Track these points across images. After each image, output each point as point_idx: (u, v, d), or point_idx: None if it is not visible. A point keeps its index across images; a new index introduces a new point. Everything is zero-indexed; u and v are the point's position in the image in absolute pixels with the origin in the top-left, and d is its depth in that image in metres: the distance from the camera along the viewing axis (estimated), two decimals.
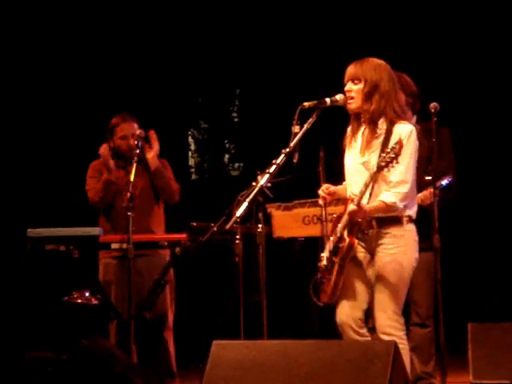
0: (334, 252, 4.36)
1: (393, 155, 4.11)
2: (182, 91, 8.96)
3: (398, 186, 4.25)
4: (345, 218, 4.33)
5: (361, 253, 4.40)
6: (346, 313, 4.36)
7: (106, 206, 5.77)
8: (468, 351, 5.54)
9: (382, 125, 4.35)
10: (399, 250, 4.32)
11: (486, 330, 5.58)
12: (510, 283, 7.61)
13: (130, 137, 5.76)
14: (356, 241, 4.32)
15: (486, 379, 5.45)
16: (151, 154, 5.81)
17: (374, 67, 4.37)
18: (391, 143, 4.24)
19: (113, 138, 5.81)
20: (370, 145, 4.36)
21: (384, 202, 4.26)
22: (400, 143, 4.11)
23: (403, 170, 4.24)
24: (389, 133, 4.32)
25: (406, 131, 4.30)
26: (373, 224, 4.34)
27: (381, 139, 4.33)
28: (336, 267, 4.32)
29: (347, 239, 4.28)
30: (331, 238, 4.43)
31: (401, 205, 4.28)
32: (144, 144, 5.77)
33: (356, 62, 4.43)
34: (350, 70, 4.43)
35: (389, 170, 4.16)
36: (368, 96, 4.36)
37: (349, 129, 4.51)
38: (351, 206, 4.26)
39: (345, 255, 4.31)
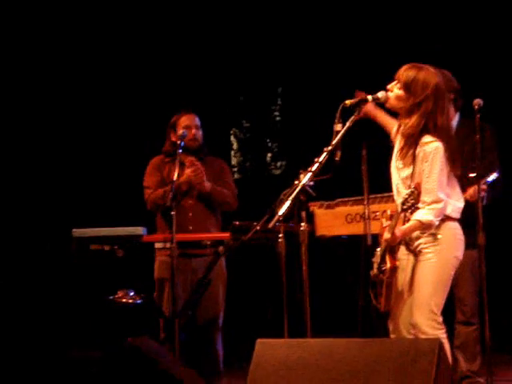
0: (381, 270, 4.38)
1: (413, 201, 4.15)
2: (223, 90, 8.98)
3: (432, 204, 4.27)
4: (383, 242, 4.36)
5: (403, 255, 4.41)
6: (398, 321, 4.39)
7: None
8: None
9: (412, 141, 4.35)
10: (436, 249, 4.32)
11: None
12: None
13: (193, 127, 5.77)
14: (398, 263, 4.37)
15: None
16: (196, 179, 5.73)
17: (424, 81, 4.31)
18: (418, 161, 4.28)
19: (176, 132, 5.80)
20: (403, 156, 4.38)
21: (420, 221, 4.29)
22: (417, 189, 4.14)
23: (434, 189, 4.25)
24: (415, 147, 4.32)
25: (431, 148, 4.29)
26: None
27: (411, 153, 4.33)
28: (384, 284, 4.37)
29: (389, 263, 4.35)
30: (378, 250, 4.45)
31: (436, 221, 4.29)
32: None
33: (410, 67, 4.37)
34: (402, 72, 4.38)
35: (411, 213, 4.18)
36: (409, 111, 4.35)
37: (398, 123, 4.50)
38: (386, 235, 4.30)
39: (389, 276, 4.37)
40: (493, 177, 5.16)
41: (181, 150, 5.59)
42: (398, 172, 4.44)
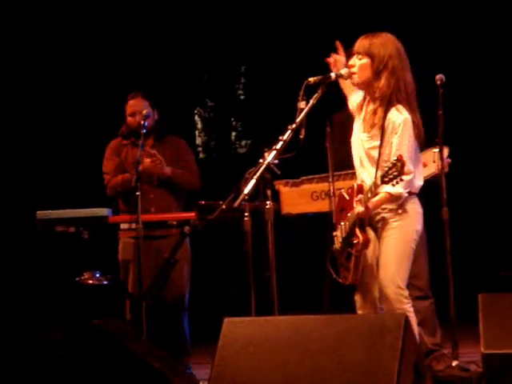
0: (349, 244, 4.37)
1: (396, 173, 4.08)
2: (186, 69, 8.93)
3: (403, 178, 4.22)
4: (352, 215, 4.34)
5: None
6: (366, 295, 4.41)
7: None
8: (479, 322, 5.55)
9: (380, 110, 4.33)
10: (398, 224, 4.34)
11: (496, 301, 5.59)
12: None
13: (137, 114, 5.76)
14: (369, 236, 4.35)
15: (498, 349, 5.46)
16: (156, 169, 5.74)
17: (383, 43, 4.33)
18: (387, 133, 4.25)
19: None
20: (370, 127, 4.36)
21: (389, 193, 4.27)
22: (401, 160, 4.08)
23: (406, 162, 4.21)
24: (384, 120, 4.30)
25: (400, 120, 4.28)
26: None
27: (379, 125, 4.31)
28: (353, 258, 4.36)
29: (361, 237, 4.31)
30: (342, 224, 4.44)
31: (405, 193, 4.29)
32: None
33: (365, 36, 4.39)
34: (358, 43, 4.39)
35: (393, 185, 4.15)
36: (376, 73, 4.33)
37: (361, 97, 4.48)
38: (359, 208, 4.28)
39: (361, 250, 4.35)
40: (449, 151, 5.23)
41: (145, 131, 5.59)
42: (362, 144, 4.42)
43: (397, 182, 4.11)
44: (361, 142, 4.42)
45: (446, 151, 5.22)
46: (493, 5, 7.78)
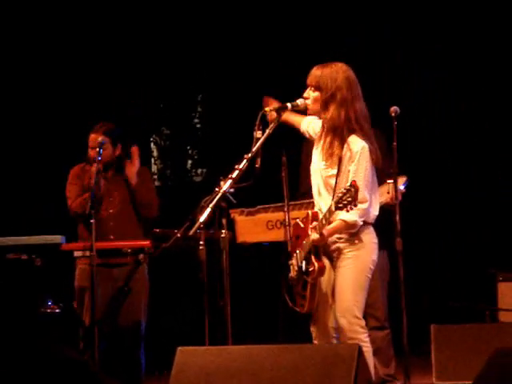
0: (305, 272, 4.38)
1: (350, 199, 4.10)
2: (143, 97, 8.93)
3: (358, 205, 4.23)
4: (308, 243, 4.36)
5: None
6: (321, 325, 4.41)
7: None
8: (431, 352, 5.59)
9: (337, 140, 4.37)
10: (353, 254, 4.36)
11: (448, 332, 5.64)
12: (471, 285, 7.68)
13: (92, 147, 5.77)
14: (324, 264, 4.37)
15: (449, 380, 5.50)
16: (132, 170, 5.77)
17: (332, 75, 4.37)
18: (344, 161, 4.29)
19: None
20: (329, 156, 4.39)
21: (345, 221, 4.30)
22: (355, 186, 4.11)
23: (362, 189, 4.23)
24: (341, 149, 4.34)
25: (357, 148, 4.32)
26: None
27: (336, 154, 4.35)
28: (309, 286, 4.37)
29: (316, 264, 4.33)
30: (297, 252, 4.46)
31: (360, 221, 4.32)
32: (125, 159, 5.80)
33: (317, 68, 4.44)
34: (310, 75, 4.45)
35: (347, 211, 4.17)
36: (324, 105, 4.38)
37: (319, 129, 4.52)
38: (314, 235, 4.30)
39: (316, 277, 4.36)
40: (405, 181, 5.27)
41: (100, 158, 5.59)
42: (320, 172, 4.45)
43: (351, 208, 4.13)
44: (319, 170, 4.45)
45: (401, 181, 5.26)
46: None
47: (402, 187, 5.26)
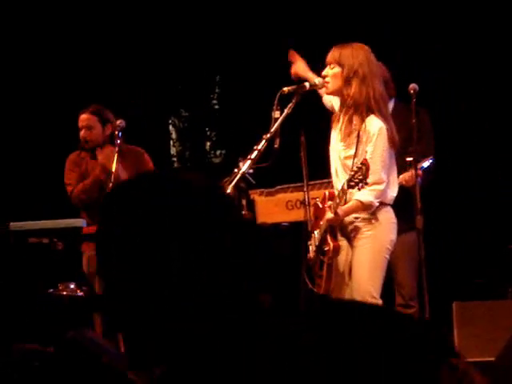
0: (321, 252, 4.39)
1: (361, 177, 4.10)
2: (161, 79, 8.92)
3: (373, 185, 4.26)
4: (324, 223, 4.37)
5: (340, 239, 4.45)
6: None
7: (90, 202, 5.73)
8: (453, 330, 5.58)
9: (356, 119, 4.36)
10: (370, 234, 4.36)
11: (470, 309, 5.62)
12: (493, 261, 7.65)
13: (82, 128, 5.75)
14: (340, 243, 4.36)
15: (471, 357, 5.49)
16: (105, 152, 5.74)
17: (353, 52, 4.39)
18: (362, 141, 4.27)
19: None
20: (346, 136, 4.38)
21: (361, 202, 4.31)
22: (366, 164, 4.10)
23: (378, 170, 4.25)
24: (359, 128, 4.33)
25: (374, 129, 4.31)
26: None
27: (355, 134, 4.35)
28: (325, 266, 4.37)
29: (331, 244, 4.33)
30: (315, 233, 4.47)
31: (377, 202, 4.31)
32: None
33: (336, 47, 4.45)
34: (329, 54, 4.46)
35: (359, 189, 4.16)
36: (347, 80, 4.37)
37: (338, 108, 4.51)
38: (329, 215, 4.29)
39: (332, 257, 4.36)
40: (427, 163, 5.21)
41: (118, 141, 5.59)
42: (338, 153, 4.44)
43: (362, 187, 4.13)
44: (337, 151, 4.45)
45: (426, 163, 5.21)
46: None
47: (426, 164, 5.20)
